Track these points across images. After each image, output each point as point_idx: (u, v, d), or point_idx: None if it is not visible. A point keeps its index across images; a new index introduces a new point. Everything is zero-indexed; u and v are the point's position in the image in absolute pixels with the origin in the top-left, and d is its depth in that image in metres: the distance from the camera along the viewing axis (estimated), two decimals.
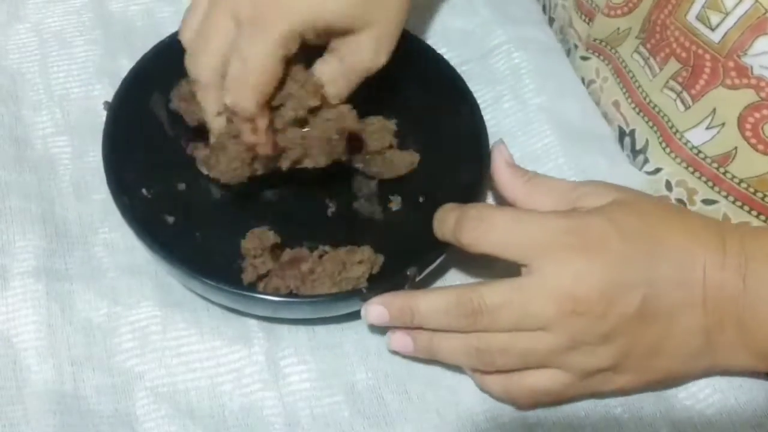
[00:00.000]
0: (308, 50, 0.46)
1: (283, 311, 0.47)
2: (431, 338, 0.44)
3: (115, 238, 0.50)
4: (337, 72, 0.46)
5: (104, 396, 0.45)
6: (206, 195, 0.52)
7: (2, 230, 0.49)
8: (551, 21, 0.64)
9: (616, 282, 0.41)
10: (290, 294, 0.47)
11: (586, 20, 0.58)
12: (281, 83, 0.44)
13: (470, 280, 0.50)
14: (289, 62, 0.44)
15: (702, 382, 0.46)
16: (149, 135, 0.51)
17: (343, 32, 0.45)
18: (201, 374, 0.46)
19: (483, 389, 0.46)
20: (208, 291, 0.45)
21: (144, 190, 0.49)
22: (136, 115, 0.51)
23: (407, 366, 0.47)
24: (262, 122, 0.44)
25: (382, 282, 0.46)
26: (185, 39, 0.47)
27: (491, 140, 0.50)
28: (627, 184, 0.53)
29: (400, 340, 0.45)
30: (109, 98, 0.50)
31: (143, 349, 0.47)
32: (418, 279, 0.46)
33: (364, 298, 0.45)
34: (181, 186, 0.52)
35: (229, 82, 0.43)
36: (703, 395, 0.46)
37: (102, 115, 0.53)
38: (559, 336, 0.41)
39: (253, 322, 0.48)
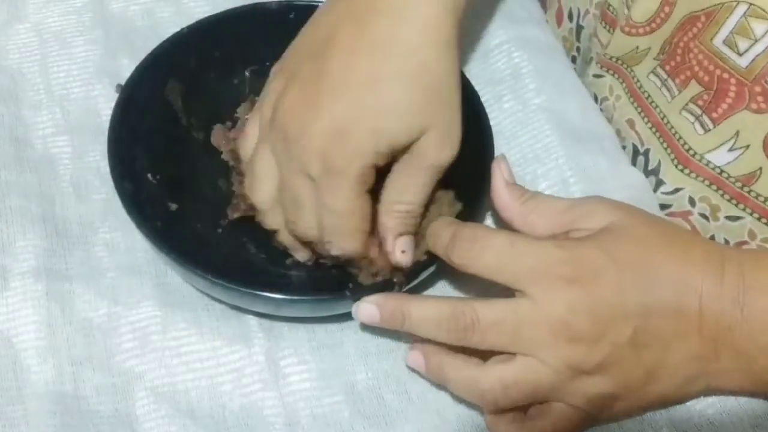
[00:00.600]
0: None
1: (282, 309, 0.47)
2: (441, 365, 0.44)
3: (115, 238, 0.50)
4: (405, 179, 0.45)
5: (104, 396, 0.45)
6: (213, 185, 0.52)
7: (2, 230, 0.49)
8: (579, 29, 0.62)
9: (609, 313, 0.41)
10: (288, 292, 0.46)
11: (610, 30, 0.57)
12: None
13: (460, 291, 0.50)
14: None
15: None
16: (160, 121, 0.51)
17: (409, 144, 0.44)
18: (201, 374, 0.46)
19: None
20: (207, 287, 0.45)
21: (150, 176, 0.49)
22: (148, 100, 0.51)
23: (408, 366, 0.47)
24: (374, 252, 0.46)
25: (367, 288, 0.45)
26: (260, 202, 0.47)
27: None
28: (627, 184, 0.54)
29: (415, 357, 0.45)
30: (109, 98, 0.50)
31: (143, 349, 0.47)
32: (405, 289, 0.45)
33: (353, 299, 0.44)
34: (187, 175, 0.52)
35: (330, 236, 0.44)
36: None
37: (102, 115, 0.53)
38: (557, 365, 0.41)
39: (253, 322, 0.48)
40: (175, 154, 0.51)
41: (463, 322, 0.41)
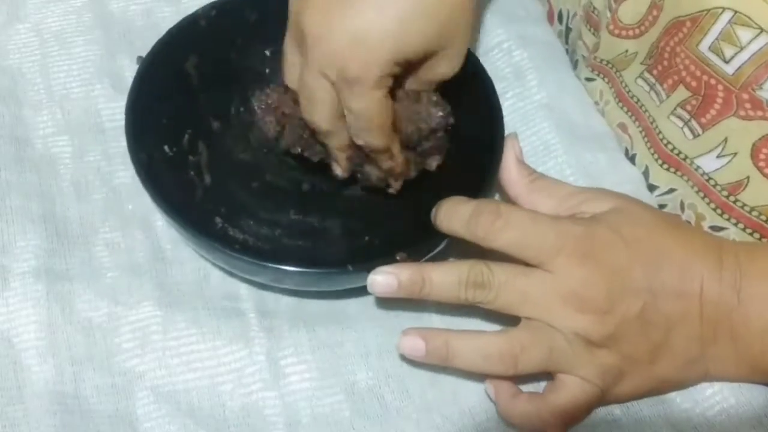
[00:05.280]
0: None
1: (286, 281, 0.47)
2: (446, 342, 0.44)
3: (115, 238, 0.50)
4: (414, 86, 0.47)
5: (105, 396, 0.45)
6: (227, 156, 0.53)
7: (2, 230, 0.49)
8: (568, 31, 0.62)
9: (620, 287, 0.42)
10: (295, 264, 0.45)
11: (594, 32, 0.57)
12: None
13: None
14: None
15: (701, 383, 0.46)
16: (178, 96, 0.52)
17: (423, 60, 0.45)
18: (201, 374, 0.46)
19: (512, 421, 0.45)
20: (216, 257, 0.46)
21: (166, 147, 0.50)
22: (168, 75, 0.51)
23: (408, 365, 0.47)
24: (396, 148, 0.47)
25: (371, 265, 0.44)
26: (320, 121, 0.48)
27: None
28: (627, 181, 0.54)
29: (412, 342, 0.44)
30: (109, 98, 0.50)
31: (143, 349, 0.47)
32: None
33: (351, 275, 0.44)
34: (202, 148, 0.52)
35: (354, 130, 0.45)
36: (702, 396, 0.46)
37: (102, 115, 0.53)
38: (567, 332, 0.42)
39: (253, 321, 0.48)
40: (192, 129, 0.52)
41: (481, 279, 0.43)
